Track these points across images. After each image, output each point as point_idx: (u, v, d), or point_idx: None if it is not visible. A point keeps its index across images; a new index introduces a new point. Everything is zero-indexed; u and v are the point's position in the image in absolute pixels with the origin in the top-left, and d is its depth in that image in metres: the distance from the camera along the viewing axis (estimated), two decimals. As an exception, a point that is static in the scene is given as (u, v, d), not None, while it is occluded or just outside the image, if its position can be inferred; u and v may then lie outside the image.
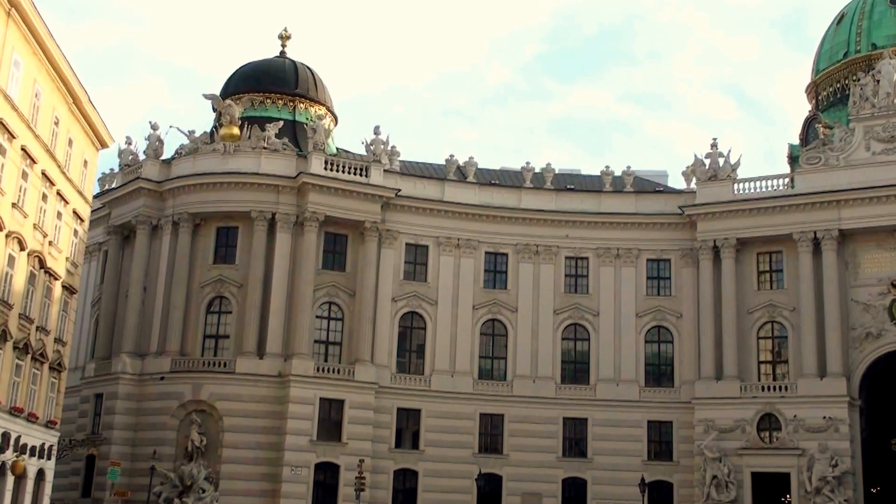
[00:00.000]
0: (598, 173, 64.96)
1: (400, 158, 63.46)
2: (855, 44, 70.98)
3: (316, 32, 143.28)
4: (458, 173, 63.77)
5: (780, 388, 56.87)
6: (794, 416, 55.46)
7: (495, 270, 62.02)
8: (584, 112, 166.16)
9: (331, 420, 55.90)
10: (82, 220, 47.18)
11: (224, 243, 59.04)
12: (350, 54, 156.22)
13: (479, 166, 64.68)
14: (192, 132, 61.04)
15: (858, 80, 61.79)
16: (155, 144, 61.09)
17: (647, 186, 66.06)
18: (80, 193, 46.30)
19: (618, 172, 64.53)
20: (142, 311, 58.33)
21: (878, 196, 56.88)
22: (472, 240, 61.57)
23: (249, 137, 59.14)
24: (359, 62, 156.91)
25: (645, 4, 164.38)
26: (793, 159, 69.67)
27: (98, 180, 67.84)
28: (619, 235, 62.20)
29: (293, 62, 65.82)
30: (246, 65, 66.03)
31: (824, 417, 54.74)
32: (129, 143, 64.04)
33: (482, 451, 58.71)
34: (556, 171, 65.41)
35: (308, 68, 65.84)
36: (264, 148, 58.89)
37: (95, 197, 57.52)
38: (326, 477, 55.11)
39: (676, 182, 69.80)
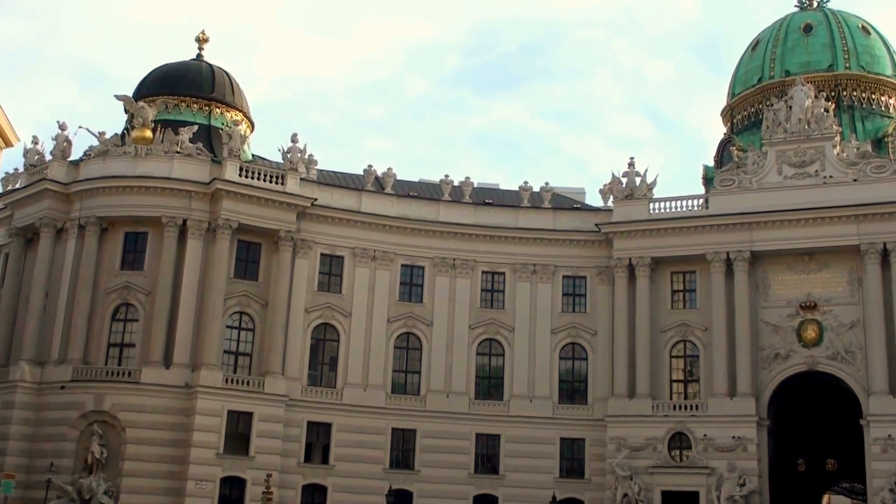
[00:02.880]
0: (517, 188, 65.00)
1: (317, 167, 62.46)
2: (769, 69, 72.50)
3: (234, 37, 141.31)
4: (376, 184, 63.09)
5: (691, 408, 57.35)
6: (704, 435, 55.91)
7: (411, 283, 61.41)
8: (503, 127, 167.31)
9: (238, 433, 54.40)
10: (-18, 221, 45.18)
11: (132, 249, 57.16)
12: (269, 61, 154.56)
13: (398, 178, 64.12)
14: (102, 133, 59.09)
15: (772, 105, 62.90)
16: (62, 145, 58.99)
17: (564, 203, 66.25)
18: (-19, 193, 44.33)
19: (536, 188, 64.63)
20: (43, 318, 56.12)
21: (788, 219, 57.89)
22: (388, 252, 60.90)
23: (162, 141, 57.63)
24: (277, 69, 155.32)
25: (564, 23, 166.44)
26: (707, 181, 70.64)
27: (1, 180, 65.61)
28: (536, 251, 62.20)
29: (210, 66, 64.41)
30: (161, 66, 64.37)
31: (733, 437, 55.31)
32: (36, 143, 61.66)
33: (393, 467, 57.89)
34: (475, 185, 65.20)
35: (225, 72, 64.51)
36: (177, 152, 57.34)
37: (-3, 197, 55.37)
38: (232, 492, 53.56)
39: (594, 200, 70.25)
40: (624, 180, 62.25)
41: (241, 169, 57.49)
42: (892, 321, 54.81)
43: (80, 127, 59.93)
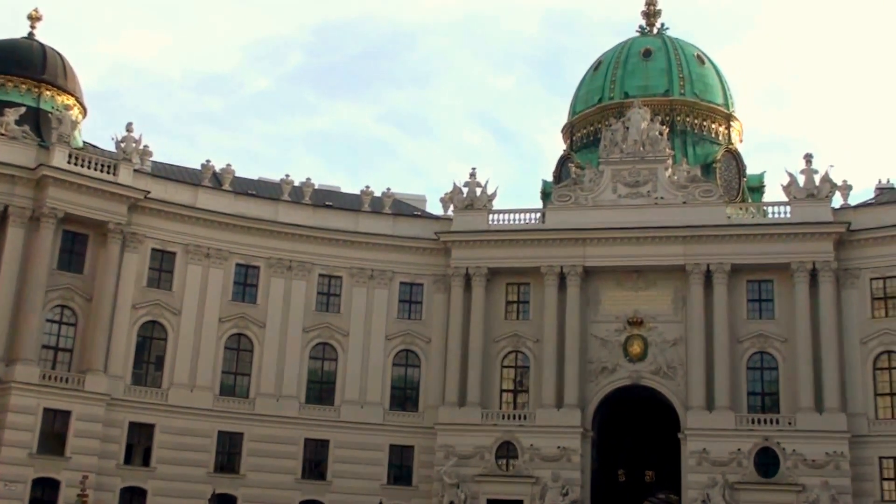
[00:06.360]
0: (359, 192, 64.66)
1: (152, 159, 60.48)
2: (609, 90, 74.50)
3: (69, 17, 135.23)
4: (214, 180, 61.59)
5: (520, 417, 58.29)
6: (531, 444, 56.87)
7: (245, 283, 60.12)
8: (346, 129, 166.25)
9: (54, 432, 51.87)
10: None
11: (-54, 234, 53.91)
12: (105, 45, 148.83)
13: (237, 174, 62.76)
14: (-82, 110, 55.51)
15: (610, 125, 64.67)
16: None
17: (405, 210, 66.30)
18: None
19: (378, 193, 64.47)
20: None
21: (620, 237, 59.63)
22: (223, 250, 59.47)
23: (-15, 121, 54.59)
24: (114, 54, 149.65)
25: (410, 29, 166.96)
26: (546, 195, 72.08)
27: None
28: (375, 256, 61.99)
29: (42, 45, 61.43)
30: (-13, 42, 61.03)
31: (558, 447, 56.48)
32: None
33: (218, 471, 56.49)
34: (316, 187, 64.50)
35: (58, 54, 61.62)
36: (2, 134, 54.31)
37: None
38: (45, 493, 50.98)
39: (435, 208, 70.62)
40: (465, 190, 62.81)
41: (70, 156, 54.95)
42: (711, 340, 57.13)
43: None
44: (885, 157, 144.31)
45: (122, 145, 57.44)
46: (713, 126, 73.90)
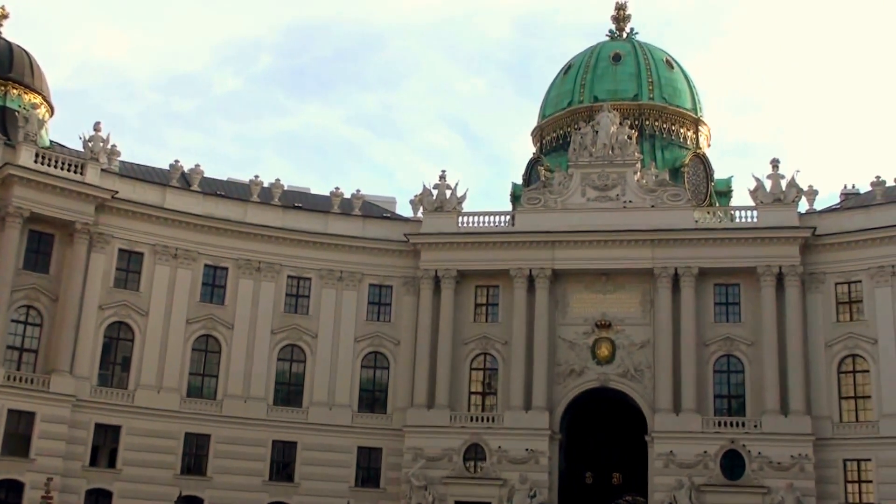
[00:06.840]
0: (328, 193, 64.54)
1: (120, 159, 60.11)
2: (579, 94, 74.94)
3: (37, 15, 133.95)
4: (182, 180, 61.23)
5: (488, 419, 58.37)
6: (499, 447, 56.98)
7: (213, 284, 59.82)
8: (316, 131, 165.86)
9: (19, 434, 51.36)
10: None
11: None
12: (73, 43, 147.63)
13: (206, 175, 62.43)
14: None
15: (580, 128, 64.96)
16: None
17: (375, 211, 66.24)
18: None
19: (347, 195, 64.39)
20: None
21: (589, 240, 59.85)
22: (191, 251, 59.15)
23: (-50, 119, 54.00)
24: (81, 53, 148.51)
25: (381, 31, 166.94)
26: (515, 198, 72.31)
27: None
28: (344, 258, 61.87)
29: (8, 43, 60.79)
30: (-47, 39, 60.33)
31: (526, 449, 56.63)
32: None
33: (185, 473, 56.14)
34: (286, 188, 64.29)
35: (25, 52, 61.02)
36: (-33, 132, 53.86)
37: None
38: (9, 496, 50.50)
39: (405, 209, 70.64)
40: (434, 192, 62.83)
41: (36, 155, 54.44)
42: (678, 343, 57.52)
43: None
44: (851, 163, 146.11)
45: (90, 145, 56.99)
46: (682, 130, 74.52)
